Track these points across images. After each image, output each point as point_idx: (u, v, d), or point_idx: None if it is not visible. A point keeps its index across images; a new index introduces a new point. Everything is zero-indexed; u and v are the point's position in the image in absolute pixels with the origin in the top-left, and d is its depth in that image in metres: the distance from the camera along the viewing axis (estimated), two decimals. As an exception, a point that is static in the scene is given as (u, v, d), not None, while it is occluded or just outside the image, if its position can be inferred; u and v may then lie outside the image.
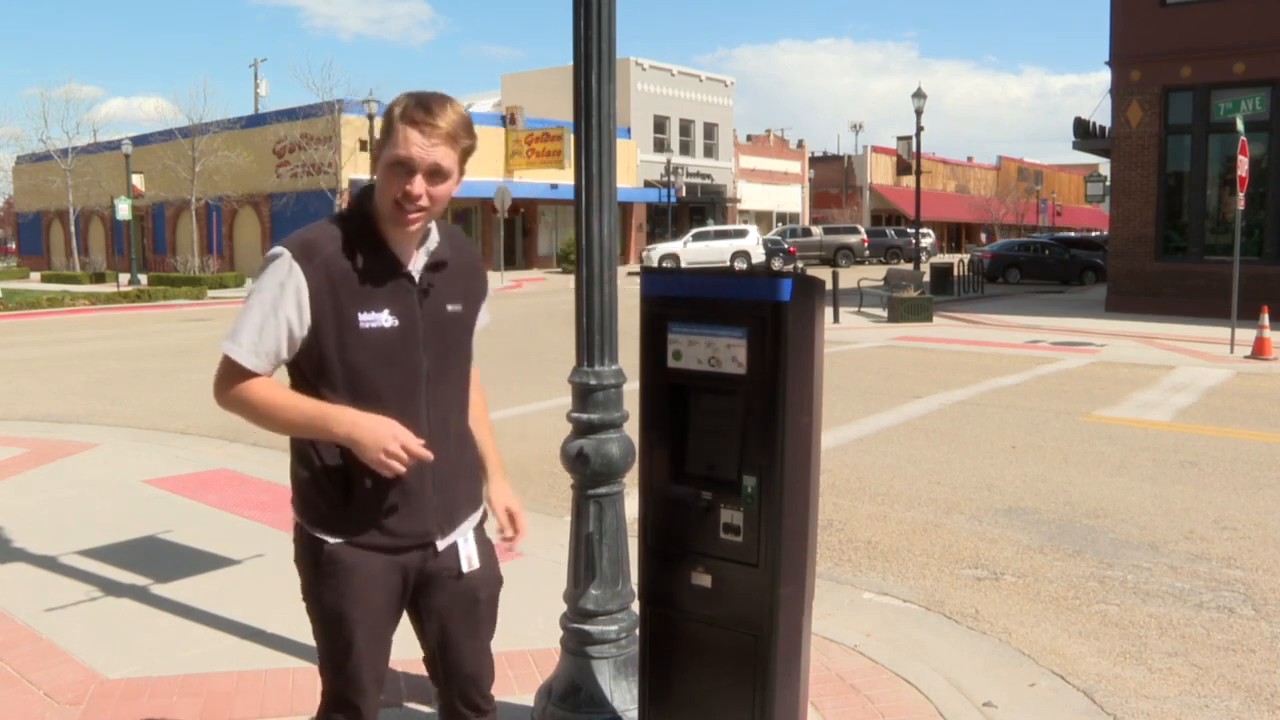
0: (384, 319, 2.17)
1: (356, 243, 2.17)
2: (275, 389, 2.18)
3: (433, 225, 2.28)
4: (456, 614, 2.40)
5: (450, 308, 2.30)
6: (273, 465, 7.58)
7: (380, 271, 2.18)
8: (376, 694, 2.39)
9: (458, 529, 2.35)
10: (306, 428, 2.16)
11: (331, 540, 2.23)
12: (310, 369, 2.18)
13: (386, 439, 2.09)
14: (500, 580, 2.50)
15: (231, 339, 2.17)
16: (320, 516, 2.24)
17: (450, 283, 2.30)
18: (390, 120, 2.14)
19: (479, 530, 2.44)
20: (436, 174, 2.15)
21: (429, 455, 2.14)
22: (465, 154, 2.20)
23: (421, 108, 2.12)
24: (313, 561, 2.26)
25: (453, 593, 2.37)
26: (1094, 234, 50.87)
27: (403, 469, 2.11)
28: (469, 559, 2.36)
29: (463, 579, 2.36)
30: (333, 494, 2.21)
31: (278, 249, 2.16)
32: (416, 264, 2.25)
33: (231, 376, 2.19)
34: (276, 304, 2.13)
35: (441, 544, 2.31)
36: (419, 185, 2.13)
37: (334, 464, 2.20)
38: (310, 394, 2.18)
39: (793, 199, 63.16)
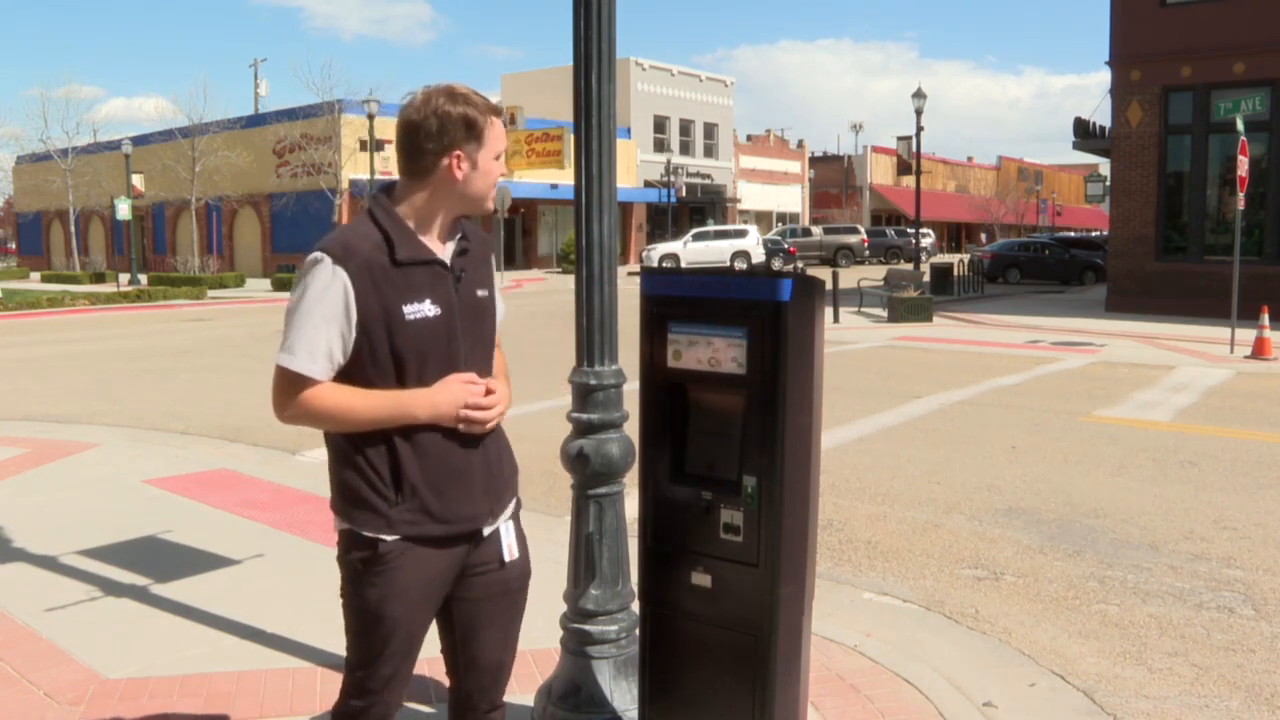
0: (427, 308, 2.22)
1: (391, 238, 2.23)
2: (345, 391, 2.19)
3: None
4: (489, 604, 2.42)
5: (480, 293, 2.37)
6: (273, 465, 7.58)
7: (418, 262, 2.24)
8: (399, 697, 2.38)
9: (502, 515, 2.39)
10: (387, 419, 2.19)
11: (388, 538, 2.22)
12: (358, 364, 2.20)
13: (461, 396, 2.21)
14: (530, 572, 2.52)
15: (287, 351, 2.17)
16: (374, 514, 2.22)
17: (476, 268, 2.38)
18: (480, 124, 2.25)
19: (516, 520, 2.47)
20: None
21: (487, 385, 2.27)
22: None
23: (495, 106, 2.30)
24: (361, 561, 2.24)
25: (490, 583, 2.40)
26: (1094, 234, 50.88)
27: (490, 416, 2.26)
28: (509, 548, 2.40)
29: (503, 569, 2.40)
30: (381, 487, 2.22)
31: (317, 254, 2.18)
32: (448, 252, 2.31)
33: (293, 388, 2.19)
34: (325, 309, 2.15)
35: (488, 529, 2.35)
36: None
37: (380, 458, 2.21)
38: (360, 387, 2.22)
39: (793, 199, 63.16)
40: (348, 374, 2.21)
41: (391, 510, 2.22)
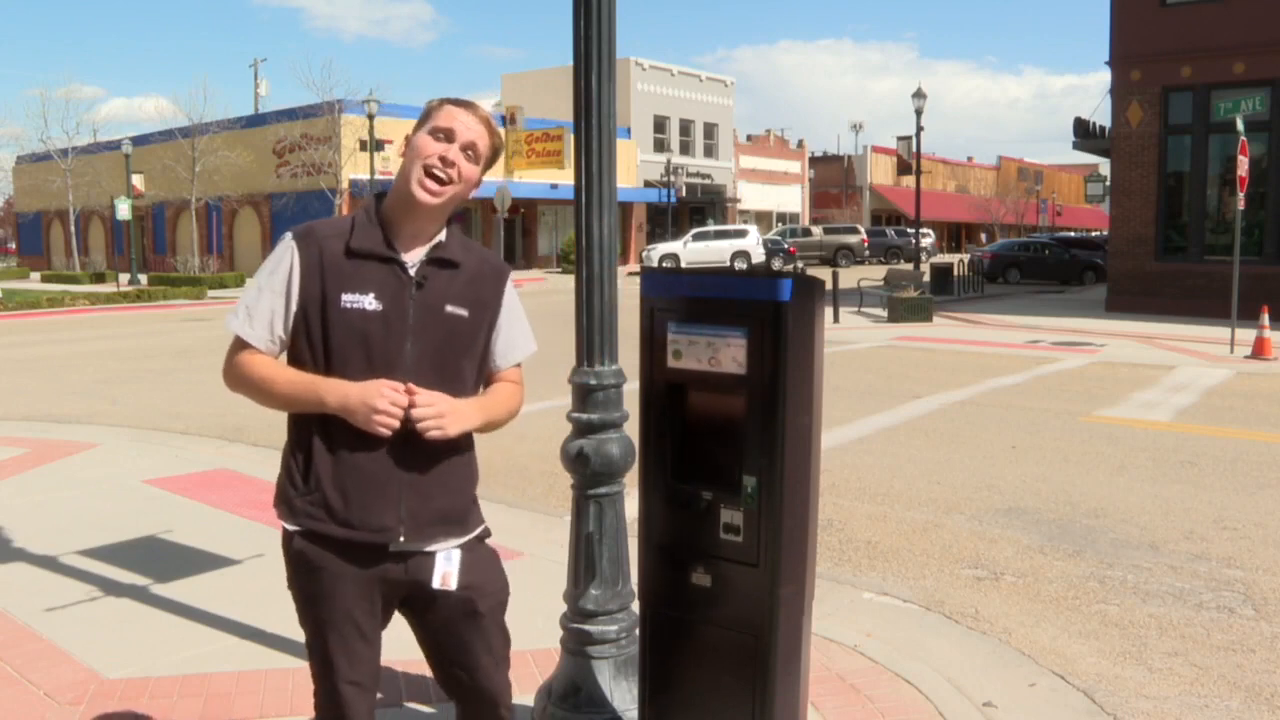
0: (367, 301, 2.21)
1: (359, 231, 2.27)
2: (272, 365, 2.26)
3: (444, 230, 2.33)
4: (454, 628, 2.37)
5: (450, 309, 2.28)
6: (273, 465, 7.54)
7: (373, 257, 2.24)
8: (359, 698, 2.32)
9: (429, 542, 2.29)
10: (302, 400, 2.21)
11: (291, 527, 2.27)
12: (298, 346, 2.26)
13: (373, 397, 2.14)
14: (504, 591, 2.45)
15: (232, 312, 2.29)
16: (284, 500, 2.28)
17: (456, 285, 2.31)
18: (430, 108, 2.29)
19: (471, 547, 2.37)
20: (470, 151, 2.25)
21: (410, 395, 2.16)
22: (493, 154, 2.33)
23: (463, 100, 2.29)
24: (284, 554, 2.31)
25: (446, 606, 2.33)
26: (1094, 234, 50.89)
27: (396, 424, 2.16)
28: (444, 577, 2.29)
29: (450, 595, 2.31)
30: (296, 476, 2.26)
31: (286, 232, 2.31)
32: (415, 256, 2.28)
33: (233, 349, 2.28)
34: (270, 279, 2.26)
35: (395, 548, 2.25)
36: (455, 152, 2.23)
37: (302, 447, 2.25)
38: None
39: (793, 199, 63.16)
40: (291, 355, 2.28)
41: (297, 500, 2.25)
